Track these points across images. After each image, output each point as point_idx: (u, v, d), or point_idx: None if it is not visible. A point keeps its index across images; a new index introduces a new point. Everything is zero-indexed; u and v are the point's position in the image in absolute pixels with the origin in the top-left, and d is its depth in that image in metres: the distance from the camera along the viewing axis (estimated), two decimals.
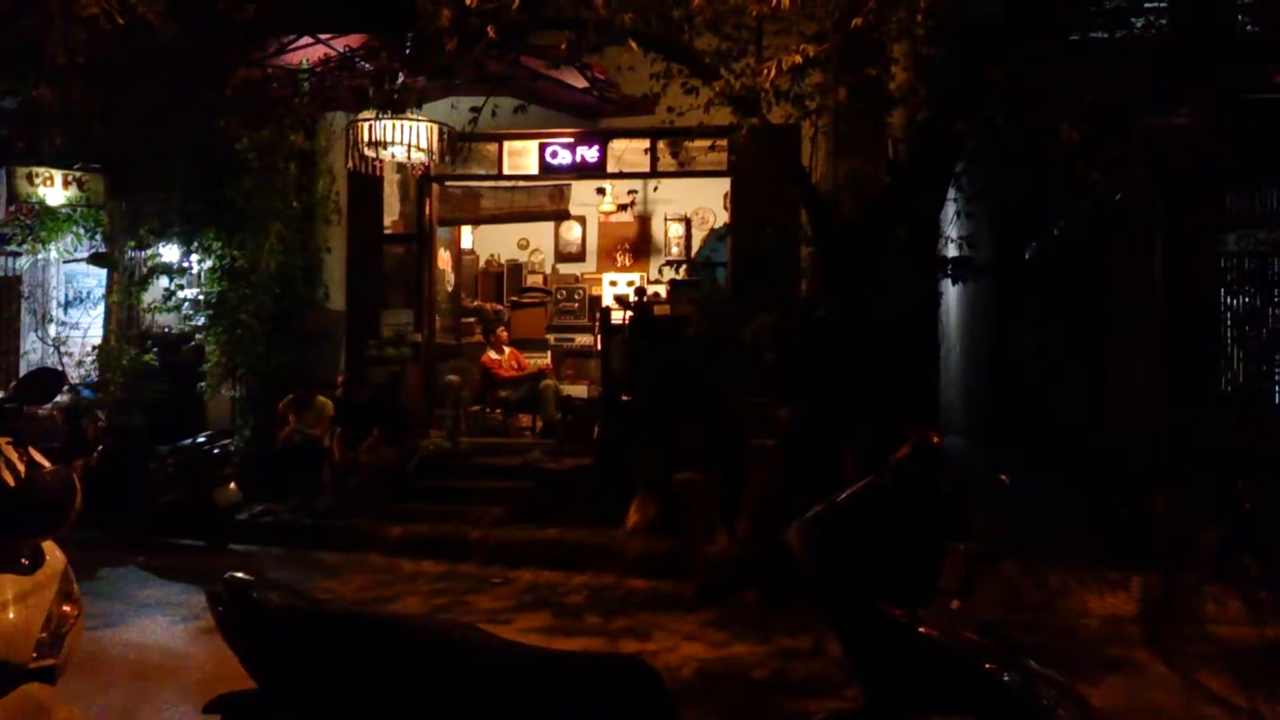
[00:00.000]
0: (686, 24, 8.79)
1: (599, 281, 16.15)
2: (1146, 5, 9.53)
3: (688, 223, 16.44)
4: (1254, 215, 9.39)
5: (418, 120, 11.10)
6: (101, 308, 14.25)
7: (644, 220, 16.71)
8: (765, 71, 8.44)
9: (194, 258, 13.56)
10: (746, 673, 6.91)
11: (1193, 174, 8.81)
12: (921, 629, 3.31)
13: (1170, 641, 7.27)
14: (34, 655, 3.51)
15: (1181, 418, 8.74)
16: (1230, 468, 8.47)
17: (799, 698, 6.34)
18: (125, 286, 13.87)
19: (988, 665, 3.23)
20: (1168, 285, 8.89)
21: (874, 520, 3.49)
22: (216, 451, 11.57)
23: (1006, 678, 3.20)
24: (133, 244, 13.78)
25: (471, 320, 15.67)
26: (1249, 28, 9.76)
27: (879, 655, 3.36)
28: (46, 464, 3.84)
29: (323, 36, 11.59)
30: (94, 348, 14.11)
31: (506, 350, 14.17)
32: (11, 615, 3.49)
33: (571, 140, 13.55)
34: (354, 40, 11.77)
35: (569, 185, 15.43)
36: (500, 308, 15.94)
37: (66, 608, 3.71)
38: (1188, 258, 8.86)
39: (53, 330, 14.70)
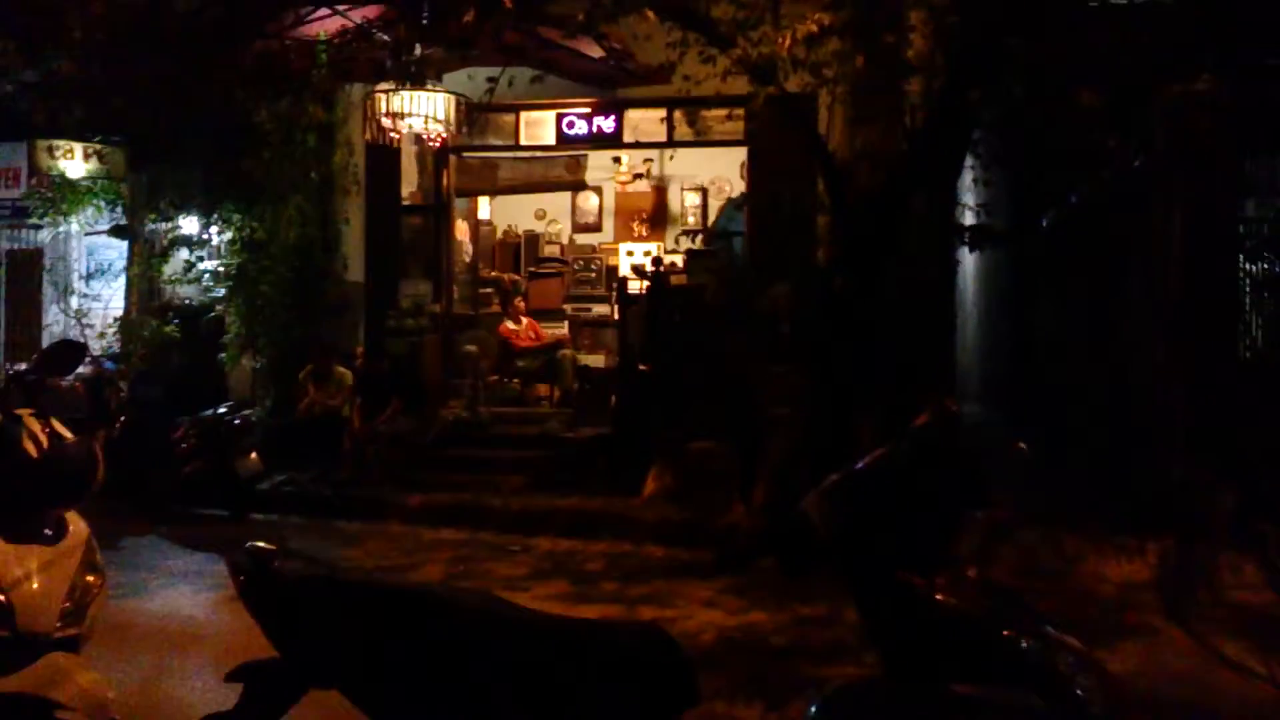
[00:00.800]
0: None
1: (616, 251, 16.13)
2: None
3: (704, 192, 16.39)
4: (1274, 182, 9.32)
5: (435, 91, 11.09)
6: (122, 280, 14.31)
7: (660, 190, 16.67)
8: (782, 39, 8.40)
9: (213, 230, 13.60)
10: (764, 640, 6.94)
11: (1212, 140, 8.73)
12: (939, 596, 3.33)
13: (1187, 607, 7.26)
14: (58, 625, 3.55)
15: (1200, 385, 8.70)
16: (1249, 434, 8.43)
17: (817, 664, 6.37)
18: (146, 259, 13.93)
19: (1005, 632, 3.25)
20: (1187, 252, 8.83)
21: (892, 488, 3.51)
22: (237, 422, 11.63)
23: (1024, 644, 3.22)
24: (153, 216, 13.83)
25: (489, 291, 15.68)
26: None
27: (897, 622, 3.38)
28: (69, 435, 3.88)
29: (340, 7, 11.58)
30: (115, 319, 14.19)
31: (524, 320, 14.19)
32: (35, 585, 3.53)
33: (588, 110, 13.51)
34: (371, 11, 11.75)
35: (585, 155, 15.39)
36: (517, 278, 15.94)
37: (90, 578, 3.75)
38: (1207, 224, 8.80)
39: (74, 302, 14.78)
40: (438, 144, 12.14)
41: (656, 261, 12.73)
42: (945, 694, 3.27)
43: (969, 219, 10.54)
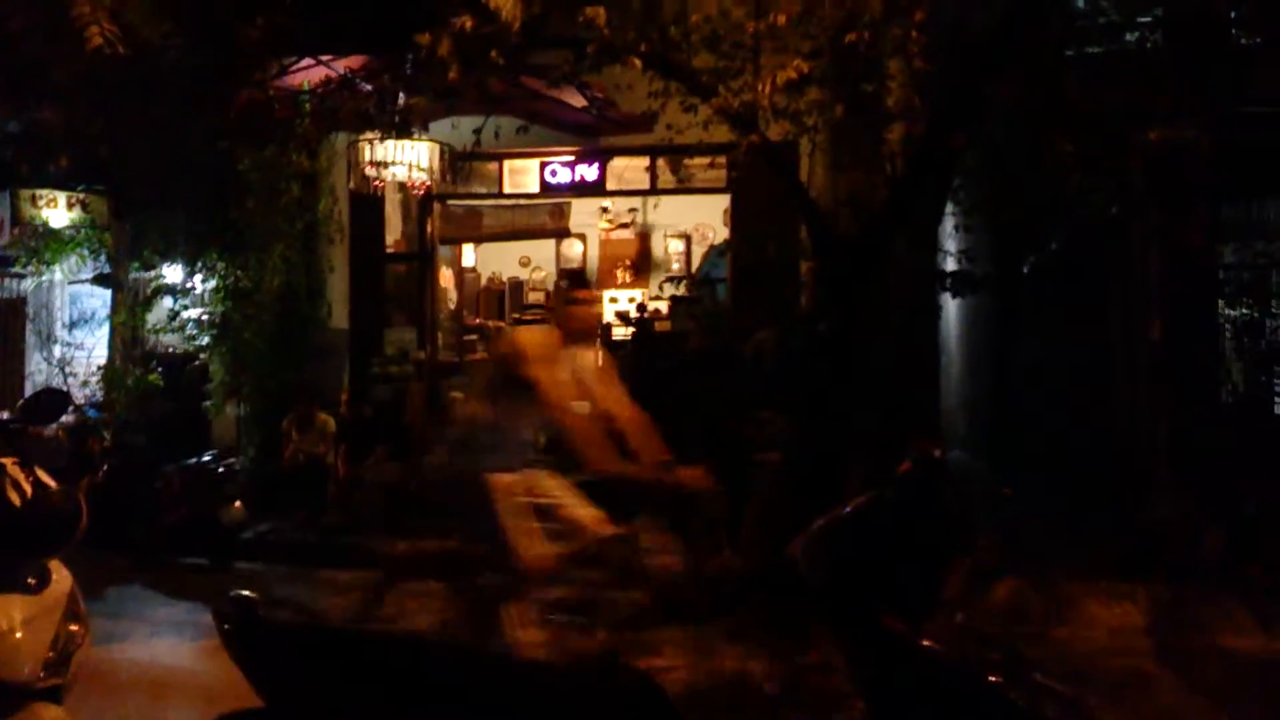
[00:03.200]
0: (684, 42, 8.84)
1: (600, 298, 16.16)
2: (1140, 20, 9.57)
3: (688, 239, 16.47)
4: (1251, 227, 9.41)
5: (419, 140, 11.14)
6: (106, 328, 14.27)
7: (644, 237, 16.74)
8: (762, 87, 8.47)
9: (198, 278, 13.60)
10: (754, 687, 6.90)
11: (1189, 186, 8.82)
12: (925, 642, 3.32)
13: (1178, 653, 7.26)
14: (41, 675, 3.52)
15: (1183, 428, 8.74)
16: (1233, 477, 8.47)
17: (807, 713, 6.34)
18: (129, 307, 13.91)
19: (992, 678, 3.25)
20: (1166, 297, 8.90)
21: (877, 533, 3.51)
22: (221, 470, 11.59)
23: (1012, 693, 3.21)
24: (137, 265, 13.83)
25: (474, 338, 15.70)
26: (1242, 41, 9.81)
27: (882, 668, 3.37)
28: (52, 484, 3.86)
29: (324, 58, 11.65)
30: (99, 368, 14.14)
31: None
32: (19, 635, 3.50)
33: (571, 158, 13.59)
34: (354, 62, 11.83)
35: (569, 203, 15.48)
36: (502, 325, 15.95)
37: (73, 627, 3.72)
38: (1186, 269, 8.87)
39: (57, 351, 14.73)
40: (422, 192, 12.20)
41: (641, 308, 12.76)
42: None
43: (950, 265, 10.60)
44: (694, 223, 16.23)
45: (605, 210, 15.84)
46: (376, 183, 11.46)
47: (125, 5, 8.51)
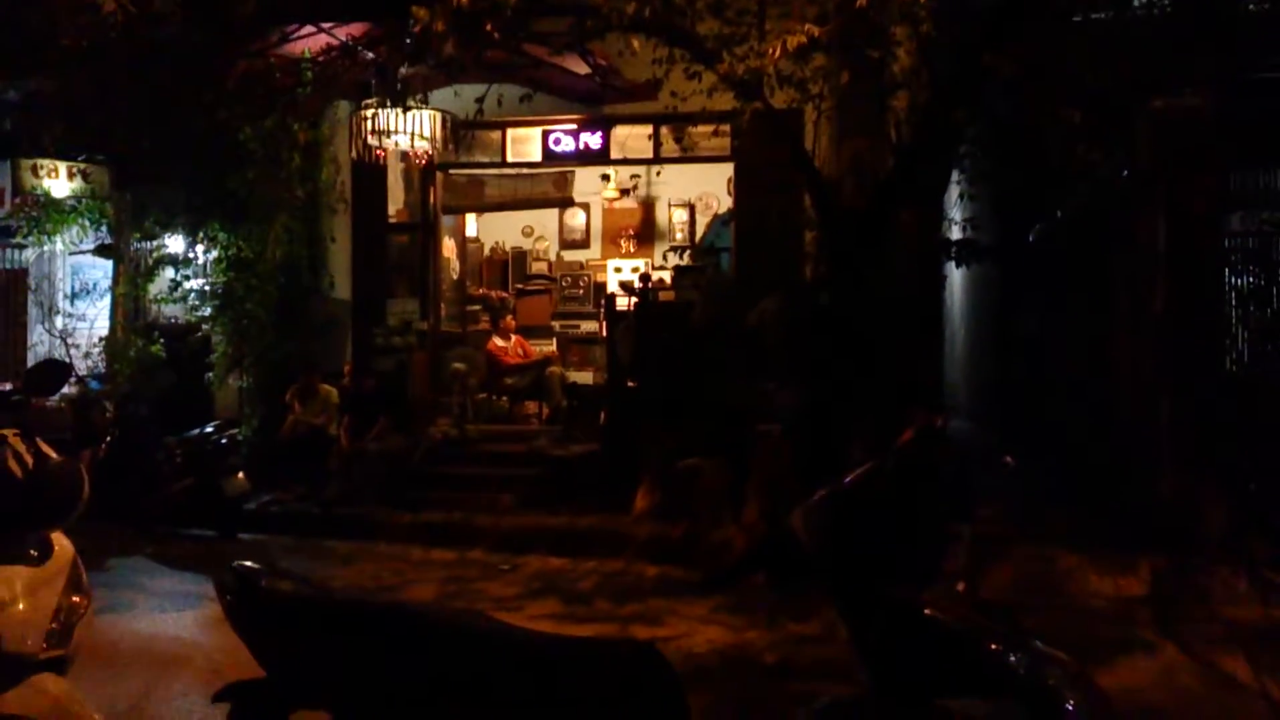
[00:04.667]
0: (689, 8, 8.78)
1: (604, 268, 16.15)
2: None
3: (691, 208, 16.42)
4: (1258, 195, 9.36)
5: (421, 109, 11.09)
6: (108, 299, 14.26)
7: (648, 206, 16.69)
8: (769, 52, 8.42)
9: (199, 248, 13.58)
10: (756, 657, 6.92)
11: (1196, 155, 8.77)
12: (927, 611, 3.32)
13: (1178, 623, 7.27)
14: (44, 646, 3.52)
15: (1186, 399, 8.72)
16: (1235, 449, 8.45)
17: (808, 682, 6.35)
18: (131, 278, 13.89)
19: (993, 646, 3.24)
20: (1172, 266, 8.85)
21: (878, 504, 3.50)
22: (224, 441, 11.61)
23: (1012, 659, 3.21)
24: (138, 235, 13.80)
25: (477, 308, 15.69)
26: (1250, 6, 9.73)
27: (885, 638, 3.37)
28: (54, 455, 3.85)
29: (324, 25, 11.58)
30: (101, 339, 14.14)
31: (513, 338, 14.20)
32: (21, 607, 3.50)
33: (574, 127, 13.53)
34: (356, 29, 11.76)
35: (573, 172, 15.42)
36: (505, 295, 15.95)
37: (76, 598, 3.72)
38: (1191, 238, 8.82)
39: (59, 322, 14.72)
40: (424, 162, 12.15)
41: (644, 278, 12.74)
42: (933, 710, 3.26)
43: (955, 233, 10.56)
44: (698, 192, 16.18)
45: (607, 179, 15.78)
46: (378, 152, 11.41)
47: None
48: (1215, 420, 8.60)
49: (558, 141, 13.57)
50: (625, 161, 14.26)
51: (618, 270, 15.72)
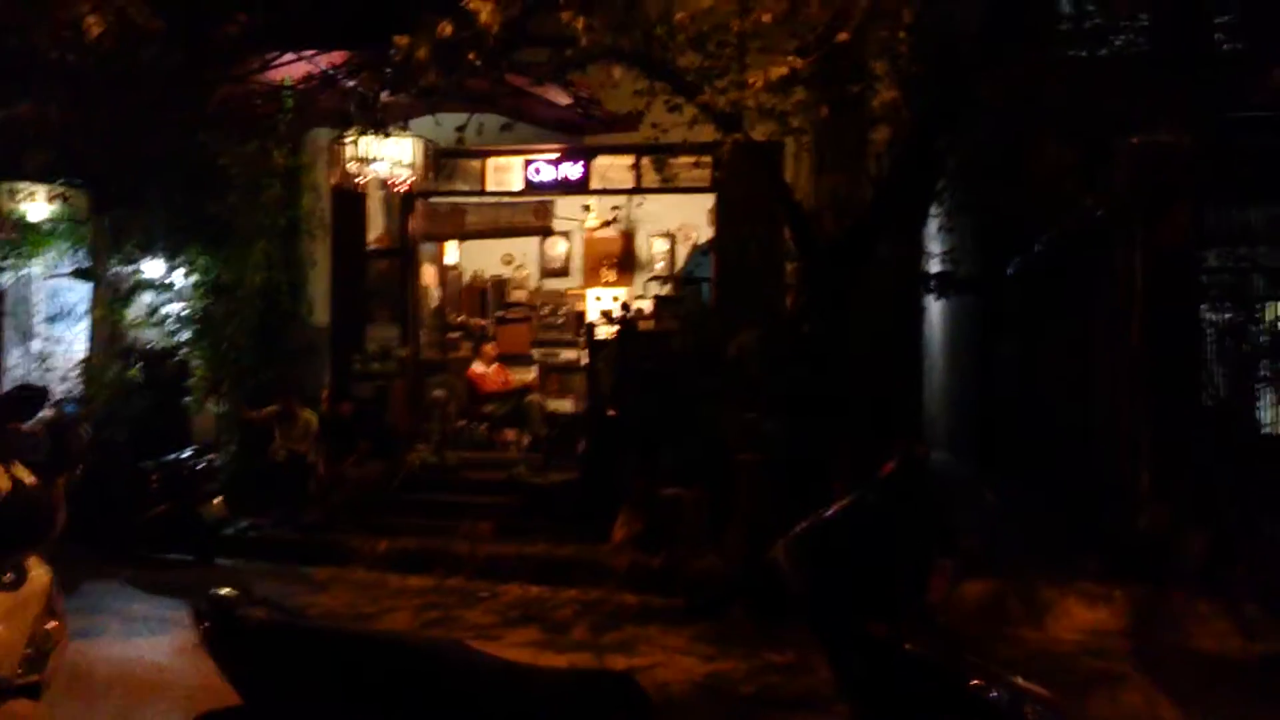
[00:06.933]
0: (670, 41, 8.83)
1: (584, 297, 16.14)
2: (1125, 24, 9.60)
3: (672, 239, 16.43)
4: (1235, 232, 9.44)
5: (402, 136, 11.10)
6: (85, 323, 14.18)
7: (628, 236, 16.70)
8: (749, 84, 8.47)
9: (178, 272, 13.51)
10: (734, 688, 6.91)
11: (1173, 191, 8.85)
12: (907, 645, 3.32)
13: (1156, 657, 7.29)
14: (19, 671, 3.49)
15: (1164, 432, 8.77)
16: (1213, 482, 8.50)
17: (786, 713, 6.35)
18: (109, 302, 13.81)
19: (974, 681, 3.25)
20: (1149, 300, 8.92)
21: (861, 535, 3.51)
22: (201, 466, 11.54)
23: (993, 694, 3.21)
24: (116, 259, 13.72)
25: (456, 335, 15.66)
26: (1225, 46, 9.85)
27: (866, 671, 3.37)
28: (30, 479, 3.83)
29: (305, 54, 11.60)
30: (78, 363, 14.05)
31: (493, 365, 14.18)
32: None
33: (555, 156, 13.55)
34: (336, 57, 11.78)
35: (553, 201, 15.44)
36: (485, 323, 15.93)
37: (51, 624, 3.70)
38: (1168, 273, 8.90)
39: (36, 345, 14.63)
40: (404, 189, 12.15)
41: (625, 308, 12.75)
42: None
43: (935, 266, 10.62)
44: (678, 222, 16.19)
45: (588, 209, 15.81)
46: (359, 179, 11.41)
47: None
48: (1193, 453, 8.65)
49: (538, 171, 13.57)
50: (606, 192, 14.28)
51: (598, 299, 15.71)
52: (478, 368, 14.01)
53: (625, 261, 16.63)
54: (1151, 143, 8.94)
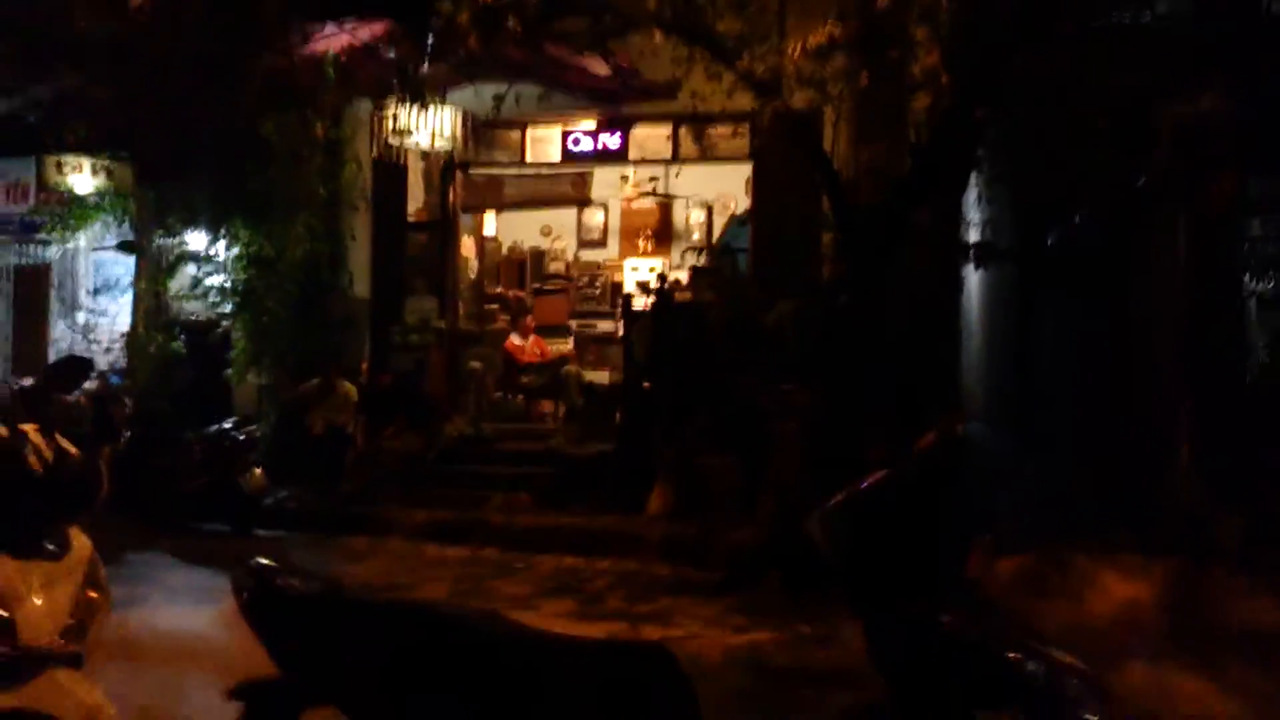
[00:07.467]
0: (709, 6, 8.78)
1: (621, 268, 16.14)
2: None
3: (709, 209, 16.38)
4: (1278, 200, 9.31)
5: (441, 105, 11.11)
6: (129, 295, 14.31)
7: (666, 207, 16.65)
8: (792, 49, 8.42)
9: (220, 245, 13.60)
10: (767, 660, 6.91)
11: (1214, 159, 8.73)
12: (945, 620, 3.30)
13: (1193, 631, 7.23)
14: (61, 641, 3.53)
15: (1205, 406, 8.68)
16: (1254, 460, 8.41)
17: (820, 686, 6.33)
18: (153, 274, 13.93)
19: (1011, 655, 3.23)
20: (1191, 271, 8.82)
21: (898, 511, 3.49)
22: (242, 438, 11.65)
23: (1031, 668, 3.19)
24: (160, 232, 13.83)
25: (494, 307, 15.71)
26: (1272, 8, 9.67)
27: (903, 646, 3.36)
28: (73, 450, 3.87)
29: (346, 25, 11.62)
30: (122, 335, 14.19)
31: (530, 337, 14.21)
32: (38, 601, 3.52)
33: (594, 127, 13.53)
34: (378, 29, 11.80)
35: (591, 172, 15.43)
36: (523, 295, 15.95)
37: (93, 594, 3.73)
38: (1211, 243, 8.79)
39: (81, 318, 14.79)
40: (444, 160, 12.17)
41: (661, 279, 12.73)
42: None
43: (974, 236, 10.52)
44: (715, 192, 16.14)
45: (625, 179, 15.78)
46: (399, 150, 11.43)
47: None
48: (1233, 427, 8.56)
49: (576, 142, 13.58)
50: (644, 162, 14.26)
51: (635, 270, 15.70)
52: (515, 339, 14.05)
53: (662, 232, 16.61)
54: (1193, 111, 8.81)
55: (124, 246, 14.23)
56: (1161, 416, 9.06)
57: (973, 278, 11.51)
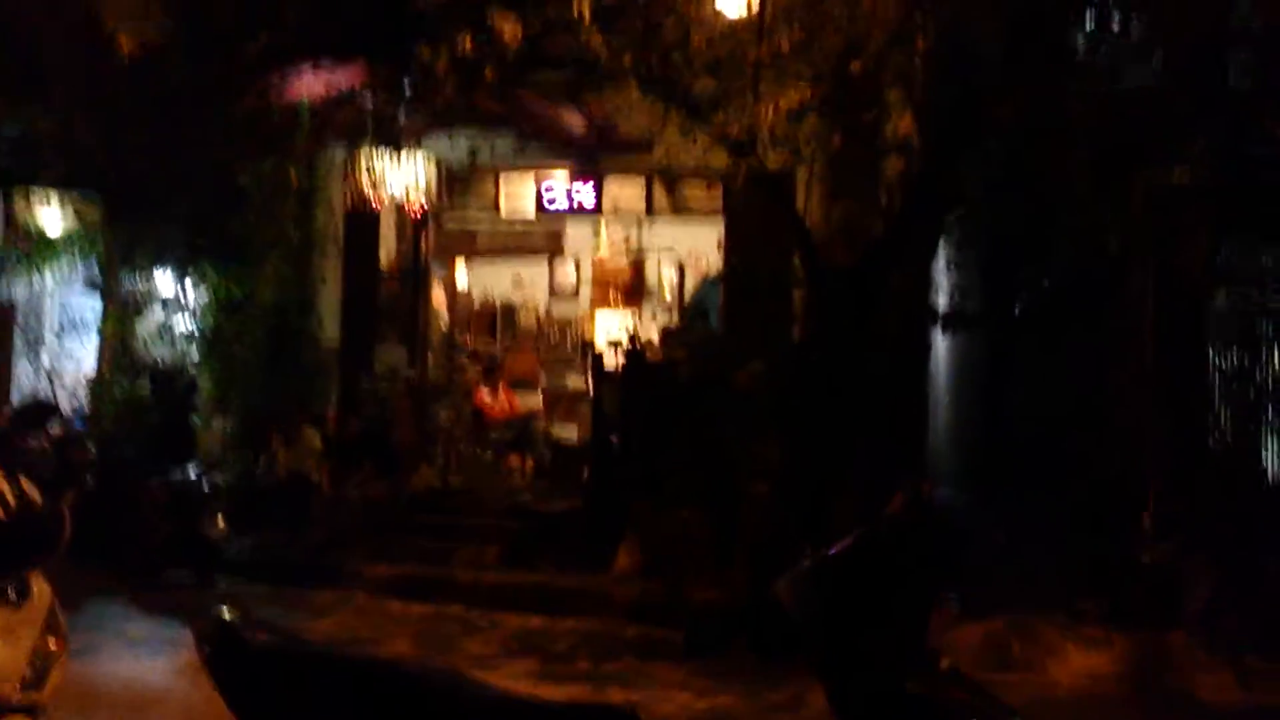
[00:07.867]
0: (685, 66, 8.86)
1: (592, 318, 16.20)
2: (1139, 60, 9.60)
3: (681, 266, 16.44)
4: (1247, 272, 9.42)
5: (414, 155, 11.14)
6: (95, 337, 14.16)
7: (638, 263, 16.72)
8: (764, 112, 8.49)
9: (187, 286, 13.47)
10: None
11: (1185, 227, 8.84)
12: (909, 685, 3.30)
13: (1154, 704, 7.25)
14: (19, 690, 3.47)
15: (1171, 474, 8.74)
16: (1218, 526, 8.46)
17: None
18: (119, 316, 13.80)
19: None
20: (1159, 340, 8.91)
21: (865, 574, 3.48)
22: (205, 485, 11.53)
23: None
24: (129, 272, 13.72)
25: (465, 359, 15.70)
26: (1237, 84, 9.85)
27: (866, 710, 3.34)
28: (36, 495, 3.82)
29: (323, 69, 11.64)
30: (87, 378, 14.03)
31: (500, 392, 14.20)
32: None
33: (568, 178, 13.59)
34: (355, 76, 11.83)
35: (564, 223, 15.52)
36: (495, 353, 15.96)
37: (52, 642, 3.68)
38: (1179, 313, 8.88)
39: (45, 359, 14.61)
40: (419, 215, 12.19)
41: (633, 339, 12.75)
42: None
43: (944, 299, 10.60)
44: (688, 248, 16.21)
45: (599, 237, 15.87)
46: (372, 198, 11.43)
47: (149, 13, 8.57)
48: (1197, 494, 8.61)
49: (553, 201, 13.63)
50: (618, 214, 14.32)
51: (606, 322, 15.75)
52: (485, 396, 14.03)
53: (634, 287, 16.65)
54: (1165, 179, 8.93)
55: (91, 285, 14.09)
56: (1129, 482, 9.10)
57: (941, 340, 11.59)
